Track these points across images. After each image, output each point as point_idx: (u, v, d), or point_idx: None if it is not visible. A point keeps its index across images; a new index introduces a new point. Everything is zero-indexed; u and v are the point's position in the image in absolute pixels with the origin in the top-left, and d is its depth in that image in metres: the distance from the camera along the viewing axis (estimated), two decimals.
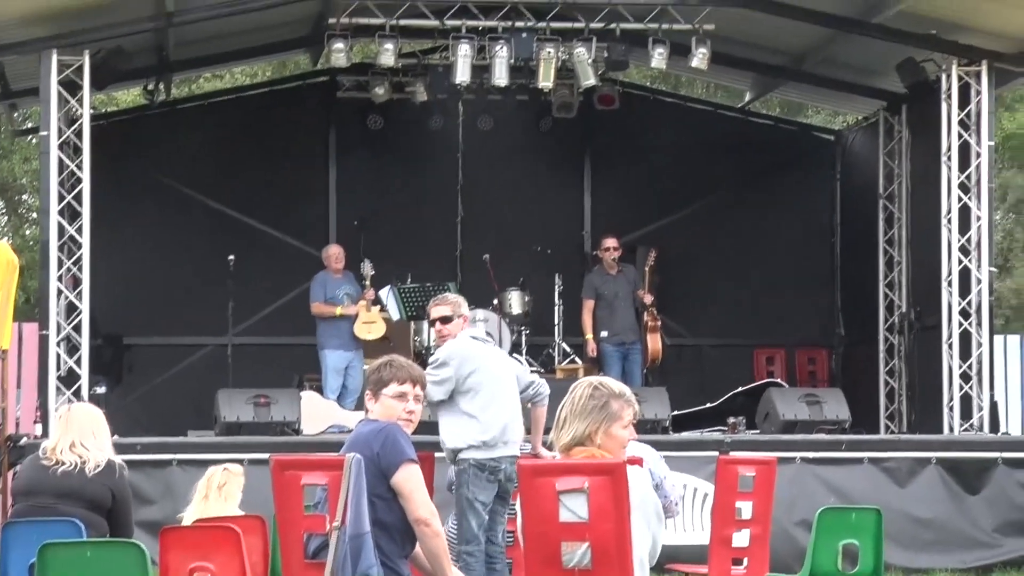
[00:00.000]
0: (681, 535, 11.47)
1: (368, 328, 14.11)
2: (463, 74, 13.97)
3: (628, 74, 17.47)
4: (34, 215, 24.81)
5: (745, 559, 8.28)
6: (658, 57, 14.02)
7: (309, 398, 13.33)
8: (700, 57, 14.02)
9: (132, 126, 16.64)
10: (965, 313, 13.59)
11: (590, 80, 14.39)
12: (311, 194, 16.72)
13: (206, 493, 8.53)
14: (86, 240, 12.96)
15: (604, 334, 14.54)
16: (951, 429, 13.43)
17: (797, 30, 14.61)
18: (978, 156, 13.68)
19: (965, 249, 13.67)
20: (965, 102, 13.71)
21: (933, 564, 11.95)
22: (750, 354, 16.79)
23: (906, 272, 15.74)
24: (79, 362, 12.83)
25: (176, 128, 16.45)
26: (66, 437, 7.39)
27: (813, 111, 24.89)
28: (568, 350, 15.39)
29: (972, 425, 13.36)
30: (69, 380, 12.74)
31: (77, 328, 12.93)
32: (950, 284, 13.67)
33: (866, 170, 16.55)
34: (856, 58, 15.26)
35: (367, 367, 6.39)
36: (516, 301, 14.69)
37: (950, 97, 13.73)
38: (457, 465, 8.91)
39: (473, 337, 9.10)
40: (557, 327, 15.41)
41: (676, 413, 13.54)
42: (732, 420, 13.36)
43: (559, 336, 15.40)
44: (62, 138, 13.03)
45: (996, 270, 15.32)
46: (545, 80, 14.23)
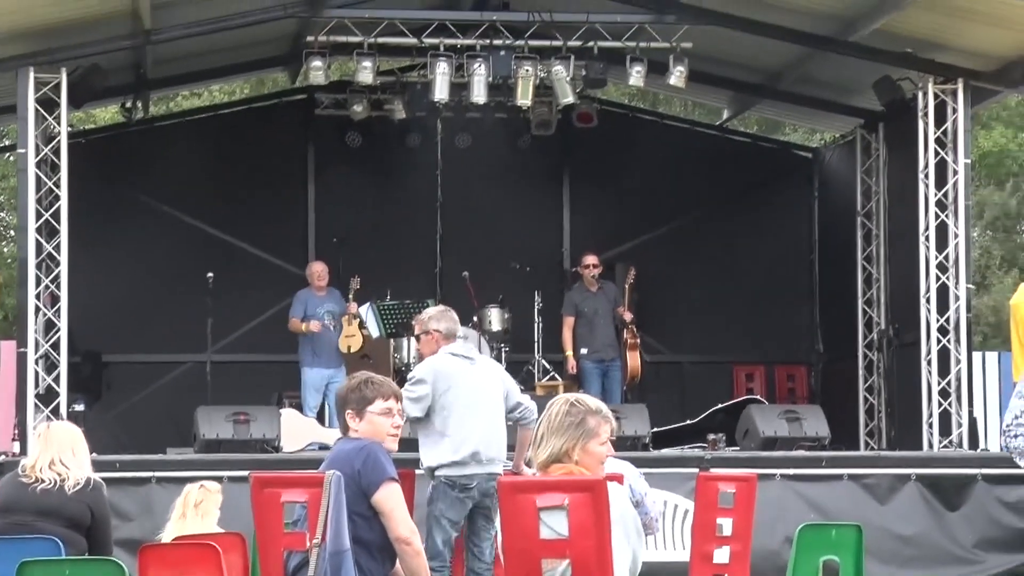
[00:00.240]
0: (662, 552, 11.47)
1: (347, 341, 14.13)
2: (441, 92, 13.99)
3: (606, 92, 17.53)
4: (12, 232, 24.71)
5: None
6: (636, 75, 14.06)
7: (289, 415, 13.31)
8: (678, 75, 14.07)
9: (110, 144, 16.61)
10: (943, 330, 13.63)
11: (568, 98, 14.42)
12: (290, 211, 16.71)
13: (183, 511, 8.50)
14: (64, 257, 12.93)
15: (584, 351, 14.55)
16: (930, 446, 13.47)
17: (774, 48, 14.67)
18: (955, 174, 13.74)
19: (943, 266, 13.72)
20: (942, 120, 13.78)
21: None
22: (730, 371, 16.81)
23: (884, 289, 15.79)
24: (57, 379, 12.79)
25: (154, 146, 16.42)
26: (45, 455, 7.36)
27: (791, 129, 24.96)
28: (548, 367, 15.38)
29: (951, 442, 13.40)
30: (48, 397, 12.69)
31: (55, 345, 12.89)
32: (928, 301, 13.72)
33: (844, 187, 16.61)
34: (833, 76, 15.33)
35: (338, 387, 6.35)
36: (496, 318, 14.69)
37: (927, 115, 13.79)
38: (432, 481, 8.91)
39: (453, 354, 9.05)
40: (537, 344, 15.40)
41: (656, 430, 13.54)
42: (712, 437, 13.36)
43: (539, 353, 15.40)
44: (39, 156, 12.99)
45: (974, 287, 15.37)
46: (523, 98, 14.26)
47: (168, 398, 15.89)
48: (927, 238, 13.79)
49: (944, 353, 13.61)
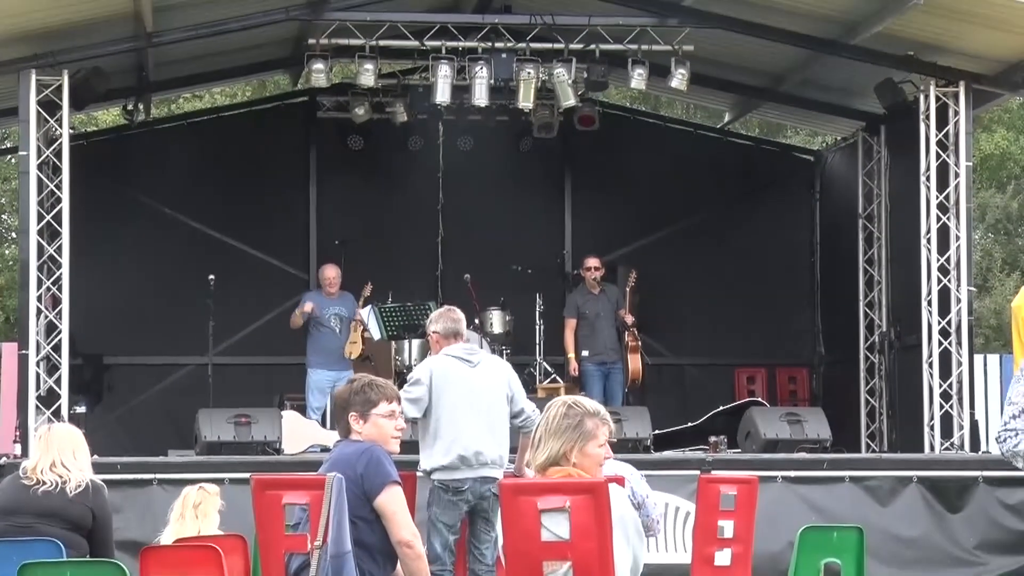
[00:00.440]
0: (663, 554, 11.47)
1: (350, 348, 14.18)
2: (443, 95, 13.98)
3: (608, 94, 17.55)
4: (13, 235, 24.72)
5: None
6: (638, 78, 14.05)
7: (290, 417, 13.30)
8: (680, 78, 14.06)
9: (112, 146, 16.60)
10: (945, 332, 13.63)
11: (570, 101, 14.40)
12: (291, 214, 16.71)
13: (181, 513, 8.48)
14: (66, 260, 12.93)
15: (585, 353, 14.55)
16: (932, 448, 13.47)
17: (776, 51, 14.67)
18: (957, 176, 13.74)
19: (944, 269, 13.72)
20: (943, 123, 13.78)
21: None
22: (731, 373, 16.80)
23: (886, 292, 15.78)
24: (59, 382, 12.79)
25: (156, 148, 16.42)
26: (46, 457, 7.36)
27: (792, 131, 24.98)
28: (549, 369, 15.38)
29: (953, 444, 13.39)
30: (49, 400, 12.70)
31: (57, 348, 12.89)
32: (930, 304, 13.71)
33: (845, 190, 16.61)
34: (835, 79, 15.32)
35: (337, 390, 6.34)
36: (497, 321, 14.69)
37: (928, 118, 13.78)
38: (430, 485, 8.91)
39: (451, 355, 9.03)
40: (538, 346, 15.39)
41: (658, 432, 13.53)
42: (713, 439, 13.36)
43: (540, 355, 15.39)
44: (41, 158, 13.00)
45: (975, 290, 15.36)
46: (525, 101, 14.25)
47: (169, 400, 15.89)
48: (928, 241, 13.79)
49: (945, 356, 13.60)
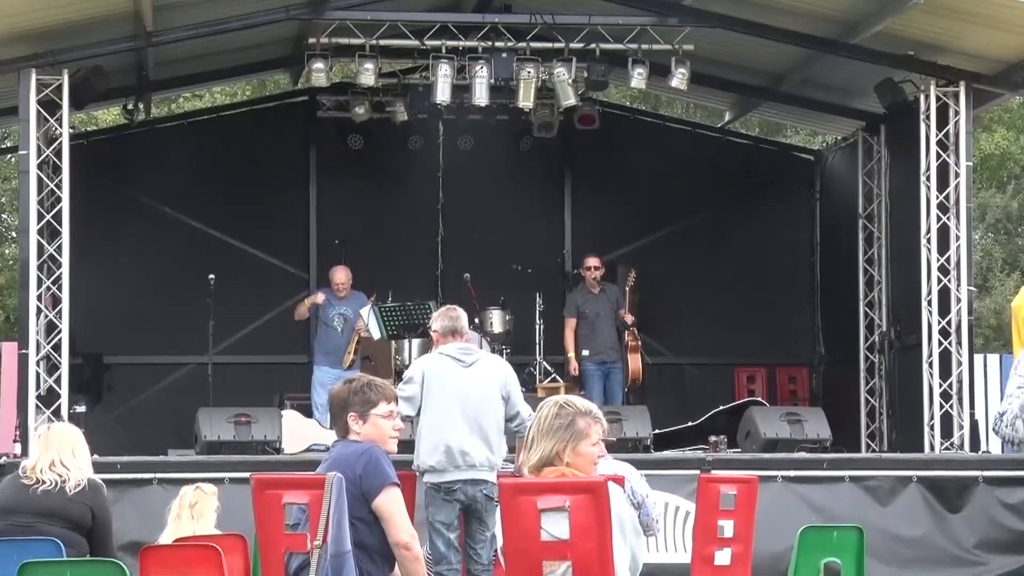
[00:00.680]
0: (663, 554, 11.46)
1: (344, 358, 14.22)
2: (443, 94, 13.98)
3: (608, 94, 17.54)
4: (13, 234, 24.72)
5: None
6: (638, 77, 14.05)
7: (290, 417, 13.30)
8: (680, 77, 14.06)
9: (111, 145, 16.60)
10: (945, 332, 13.63)
11: (570, 100, 14.40)
12: (291, 213, 16.70)
13: (178, 513, 8.47)
14: (66, 259, 12.93)
15: (585, 353, 14.55)
16: (932, 448, 13.47)
17: (776, 51, 14.67)
18: (957, 176, 13.74)
19: (944, 269, 13.72)
20: (943, 122, 13.78)
21: None
22: (731, 373, 16.80)
23: (886, 291, 15.78)
24: (59, 381, 12.79)
25: (156, 147, 16.42)
26: (46, 456, 7.37)
27: (792, 131, 24.99)
28: (549, 369, 15.37)
29: (952, 444, 13.40)
30: (49, 399, 12.69)
31: (57, 347, 12.89)
32: (930, 303, 13.71)
33: (845, 190, 16.60)
34: (835, 78, 15.32)
35: (334, 390, 6.32)
36: (497, 320, 14.69)
37: (928, 117, 13.78)
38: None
39: (444, 354, 9.01)
40: (538, 346, 15.38)
41: (657, 432, 13.53)
42: (713, 439, 13.35)
43: (540, 355, 15.39)
44: (41, 157, 13.00)
45: (975, 290, 15.36)
46: (525, 100, 14.25)
47: (169, 399, 15.89)
48: (928, 240, 13.79)
49: (945, 355, 13.60)
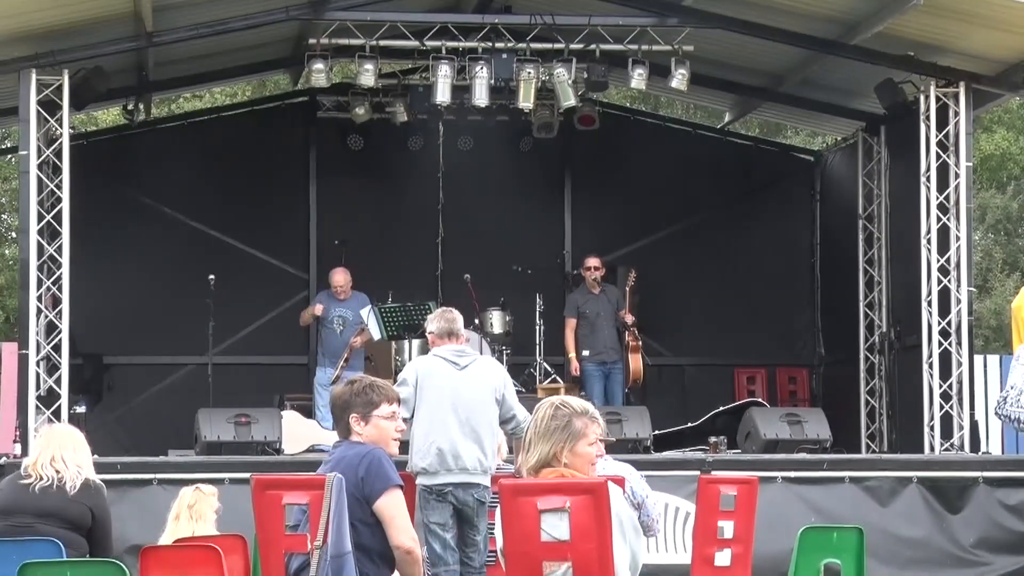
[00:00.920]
0: (663, 555, 11.47)
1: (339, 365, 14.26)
2: (443, 95, 13.98)
3: (608, 95, 17.53)
4: (13, 235, 24.73)
5: None
6: (638, 78, 14.05)
7: (290, 417, 13.31)
8: (680, 78, 14.06)
9: (112, 146, 16.60)
10: (945, 333, 13.63)
11: (570, 101, 14.39)
12: (291, 214, 16.71)
13: (177, 514, 8.47)
14: (66, 259, 12.93)
15: (586, 353, 14.54)
16: (932, 448, 13.47)
17: (776, 51, 14.67)
18: (957, 177, 13.74)
19: (944, 269, 13.72)
20: (943, 123, 13.78)
21: None
22: (731, 374, 16.80)
23: (886, 292, 15.78)
24: (59, 381, 12.79)
25: (156, 148, 16.42)
26: (46, 452, 7.38)
27: (792, 132, 24.99)
28: (549, 369, 15.37)
29: (952, 444, 13.39)
30: (49, 399, 12.69)
31: (57, 347, 12.88)
32: (930, 304, 13.71)
33: (845, 190, 16.61)
34: (835, 79, 15.32)
35: (336, 391, 6.32)
36: (497, 321, 14.70)
37: (928, 118, 13.78)
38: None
39: (438, 356, 9.00)
40: (538, 346, 15.39)
41: (657, 433, 13.54)
42: (713, 440, 13.35)
43: (540, 355, 15.39)
44: (41, 158, 12.99)
45: (975, 290, 15.36)
46: (525, 101, 14.25)
47: (169, 400, 15.89)
48: (928, 241, 13.79)
49: (945, 356, 13.60)
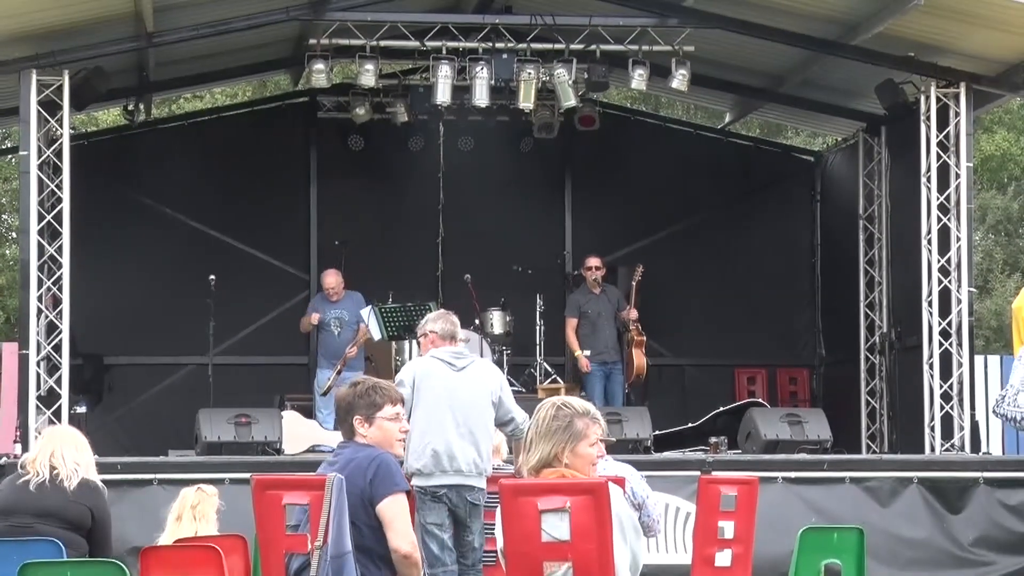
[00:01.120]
0: (663, 555, 11.46)
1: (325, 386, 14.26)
2: (443, 95, 13.98)
3: (608, 95, 17.53)
4: (13, 235, 24.73)
5: None
6: (638, 78, 14.05)
7: (291, 418, 13.31)
8: (680, 78, 14.07)
9: (112, 146, 16.61)
10: (945, 333, 13.63)
11: (570, 101, 14.40)
12: (292, 214, 16.71)
13: (179, 514, 8.45)
14: (66, 260, 12.93)
15: (587, 353, 14.54)
16: (932, 449, 13.47)
17: (777, 52, 14.67)
18: (957, 177, 13.74)
19: (945, 270, 13.72)
20: (944, 123, 13.78)
21: None
22: (731, 374, 16.80)
23: (886, 292, 15.78)
24: (59, 382, 12.79)
25: (156, 148, 16.43)
26: (45, 450, 7.38)
27: (793, 132, 24.99)
28: (549, 370, 15.38)
29: (953, 445, 13.40)
30: (49, 400, 12.69)
31: (57, 348, 12.88)
32: (930, 305, 13.71)
33: (846, 191, 16.61)
34: (835, 80, 15.32)
35: (340, 393, 6.31)
36: (497, 321, 14.70)
37: (929, 119, 13.79)
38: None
39: (436, 357, 8.99)
40: (538, 347, 15.39)
41: (658, 433, 13.54)
42: (714, 440, 13.36)
43: (540, 356, 15.40)
44: (42, 158, 13.00)
45: (976, 291, 15.35)
46: (526, 101, 14.25)
47: (170, 400, 15.89)
48: (929, 242, 13.79)
49: (946, 357, 13.60)
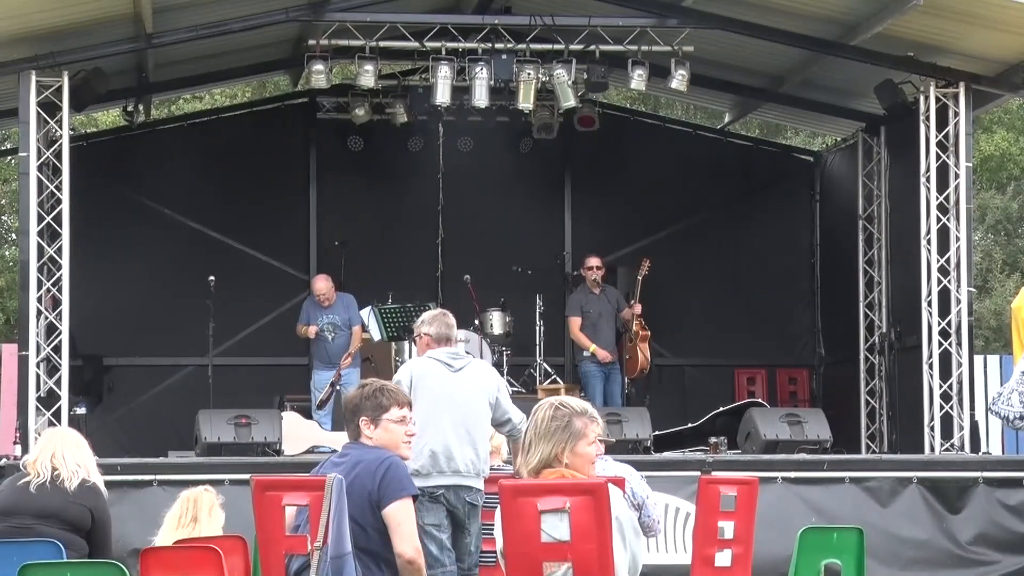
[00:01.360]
0: (663, 555, 11.47)
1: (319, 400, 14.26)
2: (443, 95, 13.98)
3: (608, 95, 17.52)
4: (13, 236, 24.73)
5: None
6: (638, 79, 14.05)
7: (290, 418, 13.32)
8: (680, 79, 14.06)
9: (112, 147, 16.61)
10: (945, 333, 13.63)
11: (570, 101, 14.40)
12: (291, 215, 16.71)
13: (195, 515, 8.42)
14: (66, 261, 12.93)
15: (586, 354, 14.54)
16: (932, 449, 13.47)
17: (776, 52, 14.67)
18: (956, 177, 13.74)
19: (944, 270, 13.72)
20: (943, 123, 13.78)
21: None
22: (731, 374, 16.80)
23: (886, 292, 15.78)
24: (59, 383, 12.79)
25: (156, 149, 16.43)
26: (46, 451, 7.39)
27: (792, 132, 24.99)
28: (549, 370, 15.39)
29: (953, 445, 13.40)
30: (49, 401, 12.69)
31: (57, 349, 12.88)
32: (930, 305, 13.71)
33: (845, 191, 16.61)
34: (835, 80, 15.33)
35: (347, 394, 6.32)
36: (497, 321, 14.70)
37: (928, 119, 13.79)
38: None
39: (433, 358, 8.98)
40: (538, 347, 15.39)
41: (658, 433, 13.53)
42: (714, 440, 13.35)
43: (540, 356, 15.40)
44: (41, 159, 13.00)
45: (975, 291, 15.36)
46: (525, 101, 14.26)
47: (169, 401, 15.89)
48: (928, 242, 13.79)
49: (945, 357, 13.60)
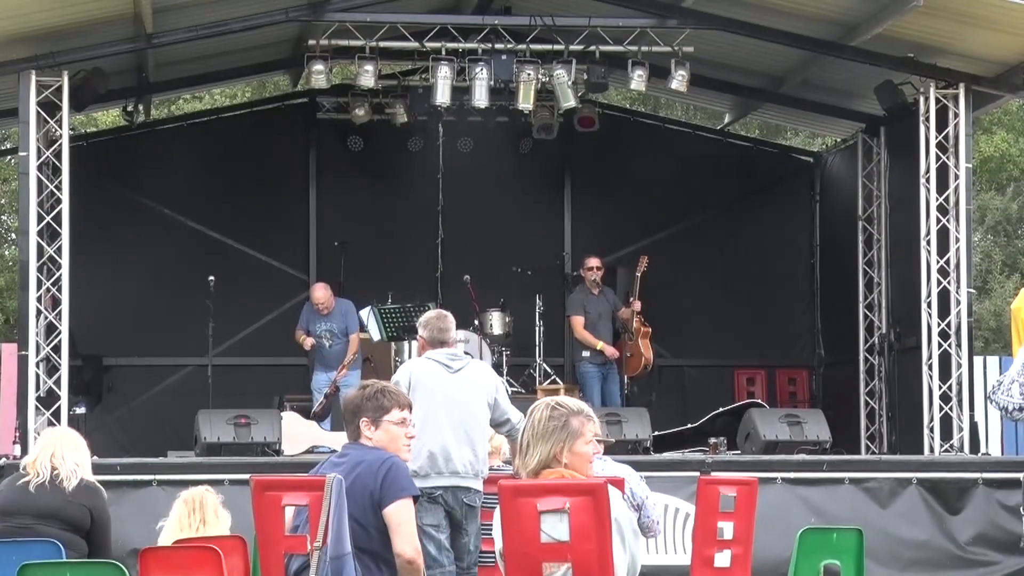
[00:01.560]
0: (663, 556, 11.47)
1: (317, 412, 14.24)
2: (443, 96, 13.98)
3: (608, 96, 17.52)
4: (13, 236, 24.72)
5: None
6: (638, 79, 14.06)
7: (290, 419, 13.32)
8: (679, 79, 14.07)
9: (111, 147, 16.61)
10: (944, 334, 13.63)
11: (570, 102, 14.40)
12: (291, 215, 16.71)
13: (203, 517, 8.41)
14: (65, 261, 12.93)
15: (586, 354, 14.54)
16: (931, 450, 13.47)
17: (776, 52, 14.67)
18: (956, 178, 13.74)
19: (944, 271, 13.72)
20: (943, 124, 13.79)
21: None
22: (731, 375, 16.81)
23: (886, 293, 15.79)
24: (59, 383, 12.79)
25: (156, 149, 16.43)
26: (45, 451, 7.39)
27: (792, 133, 24.98)
28: (549, 370, 15.38)
29: (952, 446, 13.40)
30: (48, 400, 12.69)
31: (57, 348, 12.88)
32: (929, 305, 13.71)
33: (845, 192, 16.61)
34: (835, 80, 15.33)
35: (348, 395, 6.32)
36: (497, 322, 14.70)
37: (928, 119, 13.79)
38: None
39: (431, 359, 8.98)
40: (538, 348, 15.39)
41: (657, 434, 13.54)
42: (713, 441, 13.36)
43: (540, 356, 15.39)
44: (41, 159, 13.00)
45: (975, 292, 15.36)
46: (525, 102, 14.26)
47: (169, 401, 15.89)
48: (928, 242, 13.79)
49: (945, 357, 13.60)
